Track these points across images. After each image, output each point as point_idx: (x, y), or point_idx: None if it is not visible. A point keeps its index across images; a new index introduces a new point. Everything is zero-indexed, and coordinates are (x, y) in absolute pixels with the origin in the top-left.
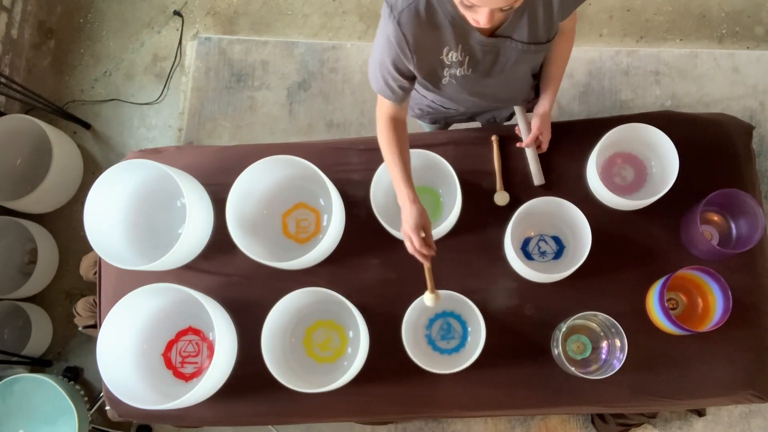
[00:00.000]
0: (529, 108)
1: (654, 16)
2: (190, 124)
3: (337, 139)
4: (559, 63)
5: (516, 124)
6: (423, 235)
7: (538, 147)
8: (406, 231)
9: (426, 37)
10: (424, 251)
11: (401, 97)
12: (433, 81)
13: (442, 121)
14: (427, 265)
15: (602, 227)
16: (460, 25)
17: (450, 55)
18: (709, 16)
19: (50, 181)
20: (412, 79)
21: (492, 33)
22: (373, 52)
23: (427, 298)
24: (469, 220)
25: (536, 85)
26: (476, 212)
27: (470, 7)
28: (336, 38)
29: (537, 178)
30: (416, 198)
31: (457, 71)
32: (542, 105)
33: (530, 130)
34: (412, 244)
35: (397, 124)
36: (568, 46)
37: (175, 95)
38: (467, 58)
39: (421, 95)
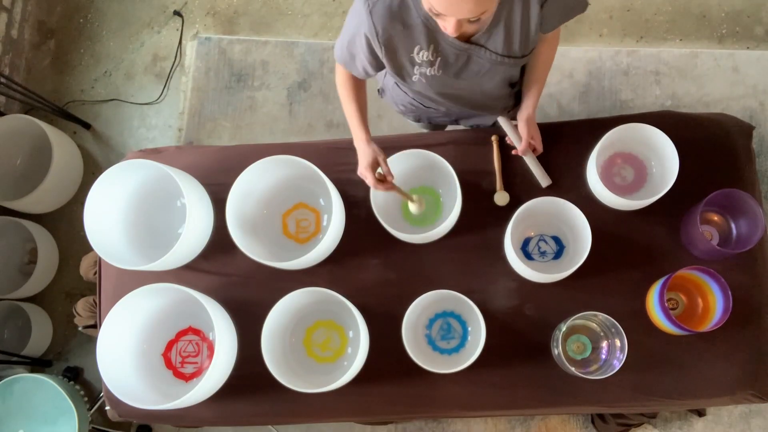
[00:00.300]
0: (512, 116)
1: (654, 16)
2: (190, 124)
3: (337, 139)
4: (542, 68)
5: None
6: (380, 170)
7: (534, 150)
8: (360, 171)
9: (397, 33)
10: (380, 188)
11: (363, 75)
12: (402, 76)
13: (425, 119)
14: (394, 191)
15: (602, 227)
16: (432, 26)
17: (421, 54)
18: (709, 16)
19: (50, 181)
20: (378, 65)
21: (466, 39)
22: (345, 27)
23: (411, 207)
24: (469, 220)
25: (516, 93)
26: (476, 212)
27: (439, 15)
28: (336, 38)
29: (543, 180)
30: (369, 138)
31: (428, 70)
32: (525, 109)
33: (520, 137)
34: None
35: (357, 79)
36: (551, 52)
37: (175, 95)
38: (438, 59)
39: (403, 91)
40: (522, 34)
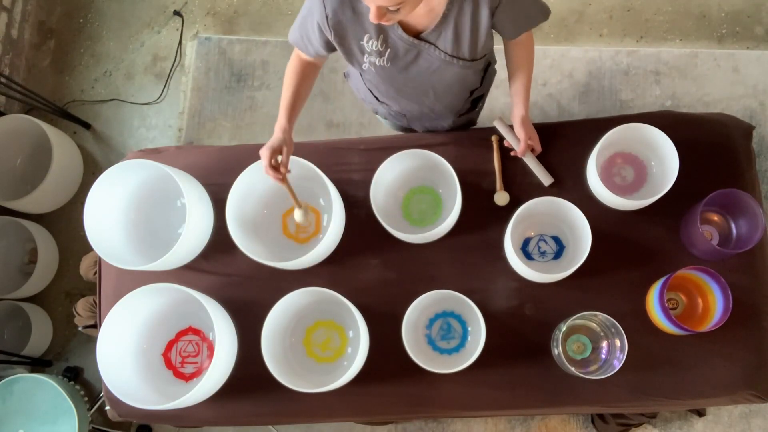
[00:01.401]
0: (462, 123)
1: (654, 16)
2: (190, 124)
3: (337, 139)
4: (523, 69)
5: (500, 135)
6: (280, 158)
7: (532, 150)
8: (262, 149)
9: (347, 18)
10: (271, 174)
11: (313, 55)
12: (353, 63)
13: (381, 114)
14: (284, 185)
15: (602, 227)
16: None
17: (370, 42)
18: (709, 16)
19: (50, 181)
20: (328, 48)
21: (416, 35)
22: (302, 9)
23: (296, 214)
24: (469, 220)
25: (473, 99)
26: (476, 212)
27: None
28: None
29: (545, 179)
30: (286, 128)
31: (377, 60)
32: (518, 111)
33: (517, 138)
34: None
35: (306, 64)
36: (528, 53)
37: (175, 95)
38: (388, 50)
39: (362, 81)
40: (471, 38)
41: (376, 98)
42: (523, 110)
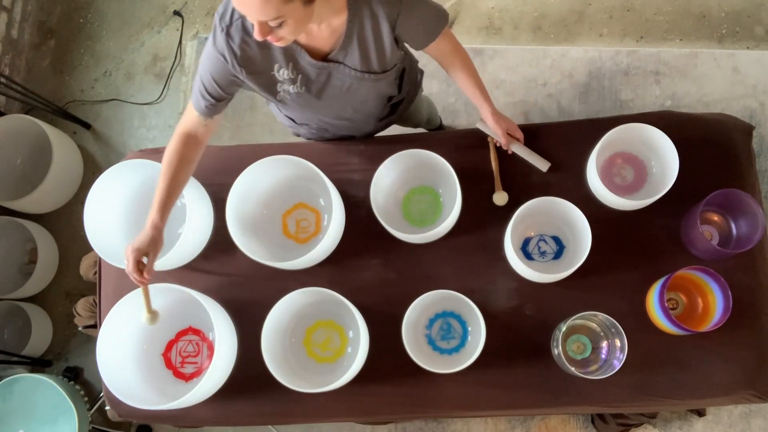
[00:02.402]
0: (383, 126)
1: (654, 16)
2: None
3: (337, 139)
4: (465, 72)
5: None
6: (145, 260)
7: (518, 140)
8: (127, 248)
9: (254, 52)
10: (134, 276)
11: (207, 111)
12: (268, 94)
13: (303, 135)
14: (141, 287)
15: (602, 227)
16: (289, 45)
17: (281, 72)
18: (709, 16)
19: (50, 181)
20: (226, 96)
21: (323, 57)
22: (200, 66)
23: (143, 317)
24: (469, 220)
25: (392, 105)
26: (476, 212)
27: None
28: None
29: (541, 165)
30: (158, 225)
31: (291, 88)
32: (485, 110)
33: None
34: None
35: (189, 140)
36: (458, 56)
37: (175, 95)
38: (299, 76)
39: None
40: (377, 51)
41: (294, 121)
42: (488, 107)
